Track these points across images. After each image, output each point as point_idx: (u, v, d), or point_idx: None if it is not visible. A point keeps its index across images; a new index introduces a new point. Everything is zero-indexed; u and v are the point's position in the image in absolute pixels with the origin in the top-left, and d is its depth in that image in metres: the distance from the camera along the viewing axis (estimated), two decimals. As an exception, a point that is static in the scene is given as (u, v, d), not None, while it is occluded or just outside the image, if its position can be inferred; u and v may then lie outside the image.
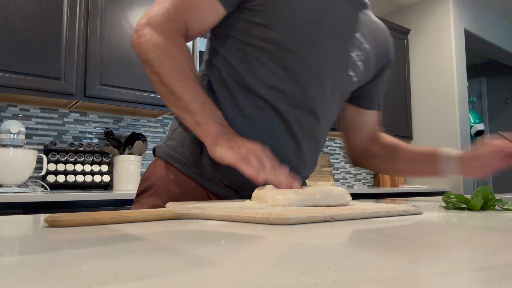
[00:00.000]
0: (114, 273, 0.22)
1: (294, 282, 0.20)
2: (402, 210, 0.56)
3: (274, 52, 0.76)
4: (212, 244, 0.33)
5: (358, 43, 0.84)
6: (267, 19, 0.75)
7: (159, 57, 0.70)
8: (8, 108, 2.15)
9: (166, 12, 0.72)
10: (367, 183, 3.87)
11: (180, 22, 0.73)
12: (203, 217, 0.52)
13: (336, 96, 0.85)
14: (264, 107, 0.77)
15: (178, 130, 0.83)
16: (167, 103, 0.72)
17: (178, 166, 0.80)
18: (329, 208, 0.54)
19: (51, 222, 0.43)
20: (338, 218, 0.48)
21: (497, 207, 0.68)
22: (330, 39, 0.79)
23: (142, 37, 0.72)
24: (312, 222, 0.46)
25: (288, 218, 0.44)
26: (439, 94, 3.64)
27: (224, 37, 0.80)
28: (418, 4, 3.86)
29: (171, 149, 0.82)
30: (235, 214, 0.49)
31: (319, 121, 0.83)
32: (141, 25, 0.73)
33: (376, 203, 0.66)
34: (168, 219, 0.51)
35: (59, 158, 2.14)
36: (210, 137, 0.68)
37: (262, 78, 0.77)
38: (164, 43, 0.71)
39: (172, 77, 0.70)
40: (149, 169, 0.85)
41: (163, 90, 0.71)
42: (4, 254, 0.29)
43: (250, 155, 0.66)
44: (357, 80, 0.87)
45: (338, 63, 0.81)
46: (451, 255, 0.28)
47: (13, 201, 1.61)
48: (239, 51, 0.78)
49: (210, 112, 0.70)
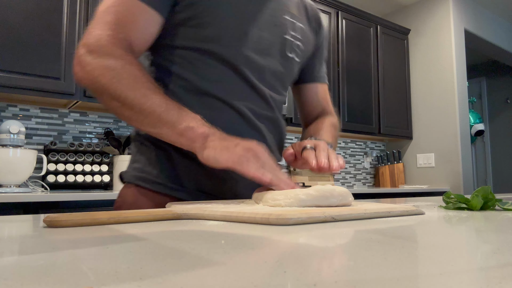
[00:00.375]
0: (114, 273, 0.22)
1: (294, 282, 0.20)
2: (403, 210, 0.55)
3: (213, 50, 0.75)
4: (212, 244, 0.33)
5: (290, 24, 0.85)
6: (199, 18, 0.74)
7: (114, 79, 0.65)
8: (8, 108, 2.15)
9: (106, 35, 0.68)
10: (367, 183, 3.87)
11: (124, 40, 0.69)
12: (203, 217, 0.51)
13: (281, 79, 0.85)
14: (218, 106, 0.76)
15: (141, 151, 0.80)
16: (137, 125, 0.67)
17: (150, 186, 0.75)
18: (329, 208, 0.53)
19: (50, 223, 0.43)
20: (338, 218, 0.48)
21: (497, 207, 0.68)
22: (261, 27, 0.79)
23: (87, 66, 0.66)
24: (313, 222, 0.45)
25: (288, 218, 0.44)
26: (439, 94, 3.64)
27: (162, 49, 0.78)
28: (418, 4, 3.86)
29: (139, 171, 0.78)
30: (235, 215, 0.48)
31: (271, 105, 0.83)
32: (82, 55, 0.67)
33: (378, 203, 0.66)
34: (168, 219, 0.51)
35: (59, 158, 2.14)
36: (199, 141, 0.64)
37: (209, 77, 0.76)
38: (114, 64, 0.66)
39: (135, 95, 0.64)
40: (119, 197, 0.80)
41: (128, 113, 0.65)
42: (4, 254, 0.29)
43: (249, 154, 0.62)
44: (299, 60, 0.88)
45: (275, 48, 0.82)
46: (451, 255, 0.28)
47: (13, 201, 1.61)
48: (180, 58, 0.76)
49: (190, 118, 0.66)
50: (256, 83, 0.79)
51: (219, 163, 0.62)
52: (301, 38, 0.87)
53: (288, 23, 0.84)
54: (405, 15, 3.96)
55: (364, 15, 3.50)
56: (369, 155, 3.89)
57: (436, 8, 3.70)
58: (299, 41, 0.86)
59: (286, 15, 0.84)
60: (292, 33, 0.85)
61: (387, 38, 3.69)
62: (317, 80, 1.00)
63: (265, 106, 0.82)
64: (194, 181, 0.76)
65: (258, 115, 0.80)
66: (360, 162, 3.84)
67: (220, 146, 0.62)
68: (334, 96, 3.17)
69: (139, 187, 0.77)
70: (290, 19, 0.85)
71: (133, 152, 0.83)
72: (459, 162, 3.47)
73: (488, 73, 5.59)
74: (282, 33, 0.83)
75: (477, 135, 4.88)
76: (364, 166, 3.86)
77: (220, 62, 0.76)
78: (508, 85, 5.42)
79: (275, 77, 0.83)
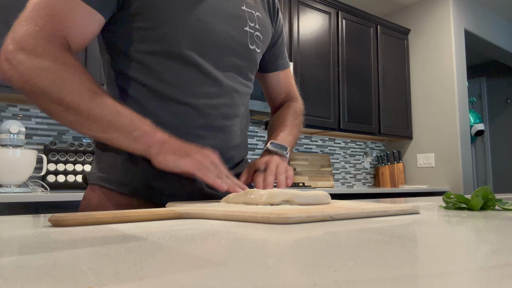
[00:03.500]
0: (114, 273, 0.22)
1: (294, 282, 0.20)
2: (399, 209, 0.57)
3: (171, 51, 0.73)
4: (212, 244, 0.33)
5: (249, 15, 0.84)
6: (151, 19, 0.71)
7: (55, 82, 0.60)
8: (8, 108, 2.15)
9: (41, 30, 0.62)
10: (367, 183, 3.87)
11: (61, 37, 0.64)
12: (204, 217, 0.52)
13: (245, 72, 0.85)
14: (182, 111, 0.74)
15: (106, 153, 0.78)
16: (83, 130, 0.63)
17: (115, 187, 0.74)
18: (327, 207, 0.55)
19: (55, 222, 0.44)
20: (337, 217, 0.49)
21: (497, 207, 0.68)
22: (219, 23, 0.77)
23: (19, 65, 0.60)
24: (312, 221, 0.46)
25: (289, 217, 0.44)
26: (439, 94, 3.64)
27: (119, 56, 0.75)
28: (418, 4, 3.86)
29: (104, 172, 0.76)
30: (236, 214, 0.49)
31: (235, 100, 0.82)
32: (11, 51, 0.61)
33: (374, 202, 0.66)
34: (170, 218, 0.51)
35: (59, 158, 2.14)
36: (156, 146, 0.64)
37: (169, 80, 0.73)
38: (54, 66, 0.61)
39: (81, 99, 0.61)
40: (84, 199, 0.78)
41: (73, 118, 0.62)
42: (4, 254, 0.29)
43: (207, 162, 0.65)
44: (260, 51, 0.88)
45: (236, 42, 0.80)
46: (451, 255, 0.28)
47: (13, 201, 1.61)
48: (138, 63, 0.73)
49: (143, 123, 0.65)
50: (220, 79, 0.78)
51: (179, 168, 0.64)
52: (260, 28, 0.86)
53: (246, 14, 0.83)
54: (405, 15, 3.96)
55: (364, 15, 3.50)
56: (369, 155, 3.89)
57: (436, 8, 3.70)
58: (258, 31, 0.86)
59: (243, 5, 0.83)
60: (251, 24, 0.84)
61: (387, 38, 3.69)
62: (278, 68, 1.00)
63: (231, 103, 0.80)
64: (161, 182, 0.74)
65: (224, 114, 0.79)
66: (360, 162, 3.84)
67: (179, 152, 0.64)
68: (334, 96, 3.17)
69: (104, 188, 0.75)
70: (248, 10, 0.84)
71: (97, 154, 0.81)
72: (459, 162, 3.47)
73: (488, 73, 5.59)
74: (242, 26, 0.81)
75: (477, 135, 4.87)
76: (364, 166, 3.86)
77: (180, 63, 0.73)
78: (508, 85, 5.42)
79: (239, 71, 0.82)
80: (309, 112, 3.08)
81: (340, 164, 3.68)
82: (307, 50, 3.02)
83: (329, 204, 0.62)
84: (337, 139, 3.66)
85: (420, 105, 3.79)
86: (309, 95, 2.97)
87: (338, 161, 3.66)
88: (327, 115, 3.11)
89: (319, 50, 3.12)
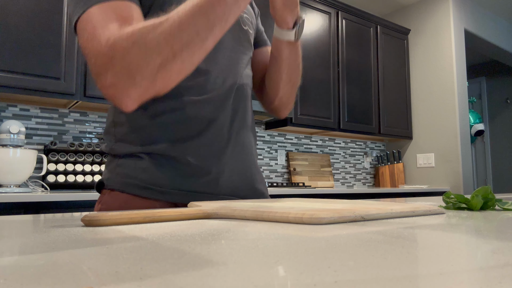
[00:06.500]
0: (114, 273, 0.22)
1: (294, 282, 0.20)
2: (426, 210, 0.57)
3: None
4: (212, 244, 0.33)
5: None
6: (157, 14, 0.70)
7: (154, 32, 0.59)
8: (8, 108, 2.15)
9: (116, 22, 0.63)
10: (367, 183, 3.87)
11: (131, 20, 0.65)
12: (233, 217, 0.52)
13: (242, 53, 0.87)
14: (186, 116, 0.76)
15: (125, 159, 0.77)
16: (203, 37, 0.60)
17: (138, 192, 0.74)
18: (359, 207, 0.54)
19: (88, 222, 0.44)
20: (368, 217, 0.49)
21: (497, 207, 0.68)
22: None
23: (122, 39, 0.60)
24: (343, 222, 0.46)
25: (321, 218, 0.45)
26: (439, 94, 3.64)
27: None
28: (418, 4, 3.86)
29: (124, 177, 0.76)
30: (267, 214, 0.49)
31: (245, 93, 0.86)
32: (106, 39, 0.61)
33: (399, 203, 0.66)
34: (198, 218, 0.52)
35: (59, 158, 2.14)
36: None
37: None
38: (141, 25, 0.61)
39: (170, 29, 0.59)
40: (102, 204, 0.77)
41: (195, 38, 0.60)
42: (4, 254, 0.29)
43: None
44: (252, 31, 0.92)
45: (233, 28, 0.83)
46: (451, 255, 0.28)
47: (13, 201, 1.61)
48: None
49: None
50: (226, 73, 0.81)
51: None
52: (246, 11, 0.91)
53: None
54: (405, 15, 3.96)
55: (364, 15, 3.50)
56: (369, 155, 3.89)
57: (436, 8, 3.70)
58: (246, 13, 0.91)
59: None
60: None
61: (387, 38, 3.69)
62: (267, 43, 1.03)
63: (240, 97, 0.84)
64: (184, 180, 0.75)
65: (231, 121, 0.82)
66: (360, 162, 3.84)
67: None
68: (334, 96, 3.17)
69: (124, 193, 0.75)
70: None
71: (113, 159, 0.80)
72: (459, 162, 3.47)
73: (488, 73, 5.59)
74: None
75: (477, 135, 4.88)
76: (364, 166, 3.86)
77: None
78: (508, 85, 5.42)
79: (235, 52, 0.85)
80: (309, 112, 3.09)
81: (340, 164, 3.68)
82: (307, 50, 3.02)
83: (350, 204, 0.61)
84: (337, 139, 3.66)
85: (420, 105, 3.79)
86: (309, 95, 2.97)
87: (338, 161, 3.66)
88: (327, 115, 3.11)
89: (319, 50, 3.12)
